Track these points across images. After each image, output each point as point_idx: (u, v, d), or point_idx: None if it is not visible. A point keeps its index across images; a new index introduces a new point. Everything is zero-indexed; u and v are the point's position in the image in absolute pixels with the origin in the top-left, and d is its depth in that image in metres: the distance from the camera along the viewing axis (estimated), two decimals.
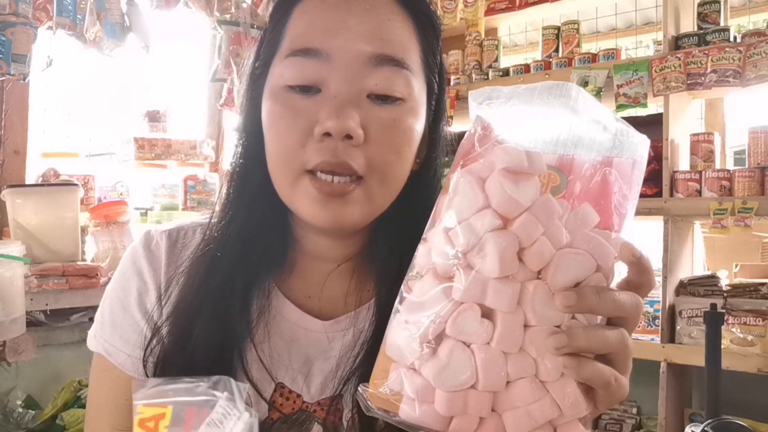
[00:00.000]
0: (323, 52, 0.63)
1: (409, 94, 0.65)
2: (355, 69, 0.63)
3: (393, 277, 0.68)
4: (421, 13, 0.68)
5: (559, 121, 0.48)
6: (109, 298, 0.74)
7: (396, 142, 0.65)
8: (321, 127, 0.62)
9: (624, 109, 2.21)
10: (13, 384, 2.03)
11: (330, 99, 0.63)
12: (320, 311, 0.73)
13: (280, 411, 0.69)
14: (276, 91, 0.66)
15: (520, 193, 0.44)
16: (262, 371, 0.69)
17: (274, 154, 0.66)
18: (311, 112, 0.63)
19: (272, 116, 0.66)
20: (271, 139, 0.66)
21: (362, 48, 0.63)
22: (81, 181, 2.25)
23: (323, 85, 0.64)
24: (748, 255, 2.29)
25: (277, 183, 0.67)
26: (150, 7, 2.39)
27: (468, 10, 2.53)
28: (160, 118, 2.70)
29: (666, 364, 2.02)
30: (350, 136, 0.62)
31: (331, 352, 0.71)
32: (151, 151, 2.59)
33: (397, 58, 0.64)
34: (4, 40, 1.95)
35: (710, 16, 2.13)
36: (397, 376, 0.47)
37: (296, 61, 0.64)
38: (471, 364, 0.45)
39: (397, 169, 0.66)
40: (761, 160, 2.02)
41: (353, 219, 0.65)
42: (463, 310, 0.45)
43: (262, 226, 0.70)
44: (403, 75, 0.65)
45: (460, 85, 2.58)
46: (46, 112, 2.78)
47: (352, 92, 0.63)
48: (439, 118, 0.72)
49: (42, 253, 1.99)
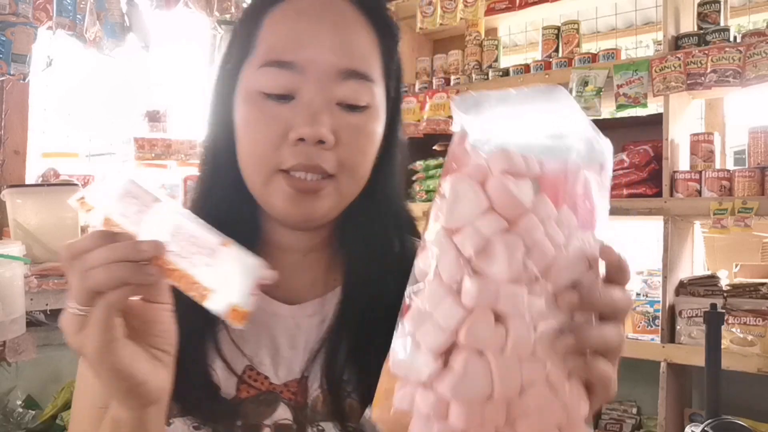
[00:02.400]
0: (297, 64, 0.69)
1: (372, 102, 0.72)
2: (325, 80, 0.69)
3: (358, 264, 0.76)
4: (382, 23, 0.75)
5: (542, 126, 0.49)
6: None
7: (362, 144, 0.72)
8: (296, 133, 0.68)
9: (624, 109, 2.21)
10: (13, 384, 2.03)
11: (304, 107, 0.69)
12: (289, 298, 0.77)
13: (247, 391, 0.73)
14: (251, 96, 0.71)
15: (522, 194, 0.44)
16: (233, 351, 0.73)
17: (249, 154, 0.72)
18: (286, 118, 0.69)
19: (248, 120, 0.71)
20: (247, 141, 0.72)
21: (332, 61, 0.70)
22: (81, 181, 2.25)
23: (297, 94, 0.70)
24: (748, 255, 2.29)
25: (251, 180, 0.73)
26: (150, 7, 2.39)
27: (468, 10, 2.53)
28: (160, 118, 2.70)
29: (666, 364, 2.02)
30: (323, 141, 0.68)
31: (299, 336, 0.75)
32: (151, 151, 2.59)
33: (363, 72, 0.71)
34: (4, 40, 1.95)
35: (710, 16, 2.13)
36: (405, 394, 0.46)
37: (271, 71, 0.70)
38: (488, 372, 0.43)
39: (364, 167, 0.73)
40: (761, 160, 2.02)
41: (323, 211, 0.72)
42: (477, 316, 0.43)
43: (231, 218, 0.74)
44: (367, 86, 0.72)
45: (460, 85, 2.58)
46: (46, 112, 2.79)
47: (323, 101, 0.69)
48: (396, 116, 0.79)
49: (42, 253, 1.99)
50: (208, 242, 0.57)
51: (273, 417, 0.72)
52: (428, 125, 2.55)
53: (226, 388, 0.72)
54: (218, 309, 0.56)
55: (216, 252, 0.57)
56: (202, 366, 0.72)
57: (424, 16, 2.64)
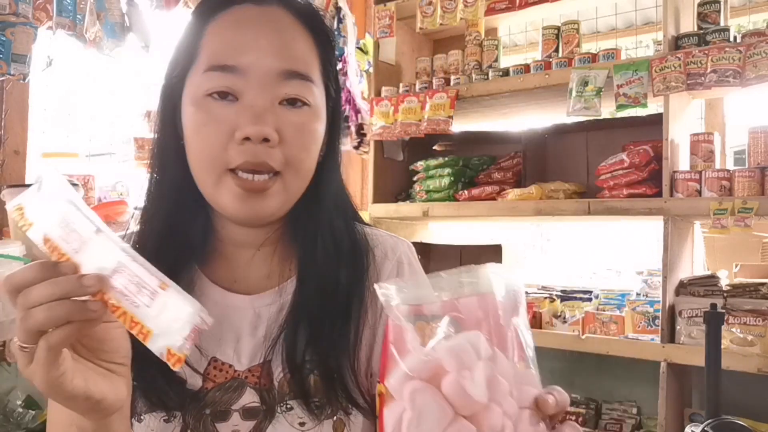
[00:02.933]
0: (239, 68, 0.73)
1: (313, 101, 0.77)
2: (267, 82, 0.74)
3: (311, 254, 0.80)
4: (319, 30, 0.80)
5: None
6: None
7: (305, 141, 0.76)
8: (241, 132, 0.72)
9: (624, 109, 2.21)
10: (13, 384, 2.03)
11: (247, 108, 0.73)
12: (246, 291, 0.81)
13: (213, 381, 0.77)
14: (197, 99, 0.74)
15: (477, 390, 0.48)
16: (194, 350, 0.74)
17: (198, 156, 0.75)
18: (231, 118, 0.73)
19: (195, 123, 0.75)
20: (195, 143, 0.75)
21: (273, 64, 0.74)
22: (81, 181, 2.25)
23: (240, 95, 0.74)
24: (748, 255, 2.29)
25: (201, 181, 0.76)
26: (150, 7, 2.39)
27: (468, 10, 2.52)
28: None
29: (666, 364, 2.02)
30: (267, 139, 0.72)
31: (259, 324, 0.79)
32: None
33: (302, 72, 0.76)
34: (4, 40, 1.95)
35: (710, 16, 2.13)
36: None
37: (215, 75, 0.74)
38: None
39: (308, 163, 0.78)
40: (761, 160, 2.02)
41: (272, 210, 0.76)
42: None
43: (183, 218, 0.79)
44: (307, 86, 0.76)
45: (460, 85, 2.58)
46: (46, 112, 2.78)
47: (267, 101, 0.73)
48: (337, 116, 0.84)
49: (42, 254, 1.99)
50: (149, 283, 0.58)
51: (240, 401, 0.76)
52: (428, 125, 2.55)
53: (192, 380, 0.76)
54: (156, 350, 0.57)
55: (156, 294, 0.57)
56: (164, 364, 0.73)
57: (424, 16, 2.64)
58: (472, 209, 2.52)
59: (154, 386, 0.73)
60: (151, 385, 0.73)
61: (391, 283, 0.52)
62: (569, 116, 2.28)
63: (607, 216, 2.23)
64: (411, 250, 0.90)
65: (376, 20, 2.76)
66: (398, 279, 0.85)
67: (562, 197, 2.36)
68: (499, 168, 2.62)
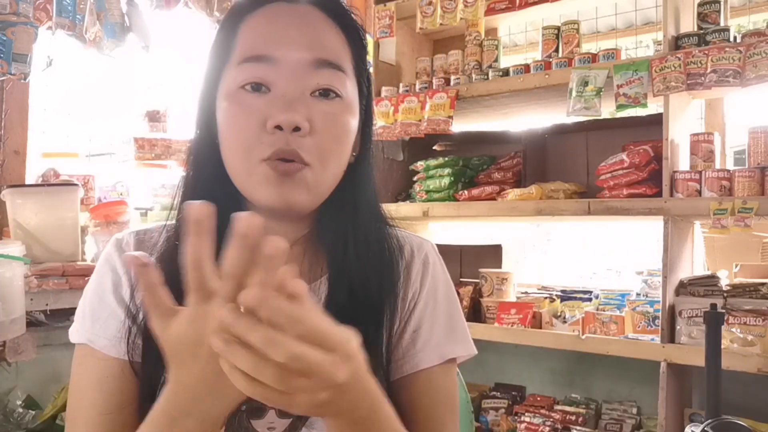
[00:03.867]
0: (271, 58, 0.74)
1: (345, 92, 0.77)
2: (298, 71, 0.74)
3: (341, 253, 0.80)
4: (349, 27, 0.81)
5: None
6: (87, 295, 0.82)
7: (336, 133, 0.76)
8: (273, 121, 0.72)
9: (624, 109, 2.21)
10: (13, 384, 2.03)
11: (279, 97, 0.73)
12: None
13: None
14: (231, 93, 0.75)
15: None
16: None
17: (232, 147, 0.76)
18: (263, 109, 0.73)
19: (229, 115, 0.76)
20: (229, 135, 0.76)
21: (304, 54, 0.75)
22: (81, 181, 2.25)
23: (272, 86, 0.74)
24: (748, 255, 2.28)
25: (234, 172, 0.77)
26: (150, 7, 2.39)
27: (468, 10, 2.53)
28: (160, 118, 2.69)
29: (666, 364, 2.02)
30: (298, 127, 0.72)
31: None
32: (151, 151, 2.58)
33: (334, 61, 0.76)
34: (5, 39, 1.95)
35: (710, 16, 2.13)
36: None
37: (248, 66, 0.75)
38: None
39: (337, 156, 0.77)
40: (761, 160, 2.02)
41: (301, 200, 0.75)
42: None
43: (219, 216, 0.75)
44: (339, 76, 0.76)
45: (460, 85, 2.58)
46: (46, 112, 2.78)
47: (298, 90, 0.74)
48: (370, 117, 0.84)
49: (42, 253, 1.99)
50: None
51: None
52: (429, 125, 2.55)
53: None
54: None
55: None
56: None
57: (424, 16, 2.64)
58: (472, 209, 2.52)
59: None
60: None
61: None
62: (569, 116, 2.28)
63: (607, 216, 2.23)
64: (435, 250, 0.91)
65: (376, 20, 2.76)
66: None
67: (562, 197, 2.36)
68: (499, 168, 2.62)
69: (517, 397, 2.64)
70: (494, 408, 2.55)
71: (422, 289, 0.85)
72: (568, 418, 2.31)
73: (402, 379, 0.82)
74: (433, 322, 0.84)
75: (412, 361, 0.82)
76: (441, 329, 0.84)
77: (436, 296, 0.85)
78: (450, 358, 0.83)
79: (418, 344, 0.82)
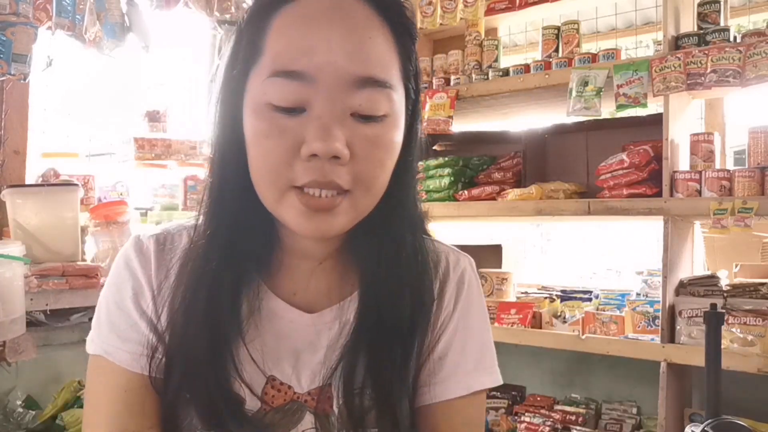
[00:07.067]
0: (307, 74, 0.64)
1: (391, 110, 0.68)
2: (338, 90, 0.65)
3: (373, 270, 0.74)
4: (399, 23, 0.70)
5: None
6: (105, 301, 0.76)
7: (380, 157, 0.68)
8: (308, 148, 0.64)
9: (624, 109, 2.20)
10: (13, 384, 2.03)
11: (315, 119, 0.64)
12: (306, 306, 0.76)
13: (271, 405, 0.73)
14: (260, 108, 0.66)
15: None
16: (253, 368, 0.72)
17: (260, 169, 0.68)
18: (297, 131, 0.65)
19: (258, 133, 0.67)
20: (257, 155, 0.68)
21: (345, 69, 0.65)
22: (81, 181, 2.25)
23: (308, 105, 0.65)
24: (748, 255, 2.28)
25: (263, 195, 0.69)
26: (150, 7, 2.39)
27: (468, 10, 2.53)
28: (160, 118, 2.69)
29: (666, 364, 2.02)
30: (337, 156, 0.64)
31: (319, 343, 0.75)
32: (151, 151, 2.58)
33: (380, 78, 0.66)
34: (5, 39, 1.95)
35: (710, 16, 2.13)
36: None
37: (280, 81, 0.65)
38: None
39: (382, 179, 0.70)
40: (761, 160, 2.02)
41: (338, 228, 0.69)
42: None
43: (247, 230, 0.73)
44: (385, 93, 0.67)
45: (460, 85, 2.58)
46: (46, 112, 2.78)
47: (336, 112, 0.65)
48: (416, 120, 0.75)
49: (42, 253, 1.99)
50: None
51: (299, 427, 0.73)
52: (428, 125, 2.55)
53: (250, 400, 0.72)
54: None
55: None
56: (224, 381, 0.71)
57: (424, 16, 2.64)
58: (472, 209, 2.52)
59: (211, 406, 0.69)
60: (208, 405, 0.69)
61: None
62: (569, 116, 2.28)
63: (607, 216, 2.23)
64: (472, 267, 0.84)
65: None
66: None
67: (562, 197, 2.36)
68: (499, 168, 2.62)
69: (517, 397, 2.63)
70: (494, 408, 2.55)
71: (454, 313, 0.79)
72: (568, 418, 2.31)
73: (426, 407, 0.77)
74: (462, 350, 0.79)
75: (435, 389, 0.77)
76: (471, 358, 0.79)
77: (468, 322, 0.80)
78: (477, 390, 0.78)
79: (443, 372, 0.77)
